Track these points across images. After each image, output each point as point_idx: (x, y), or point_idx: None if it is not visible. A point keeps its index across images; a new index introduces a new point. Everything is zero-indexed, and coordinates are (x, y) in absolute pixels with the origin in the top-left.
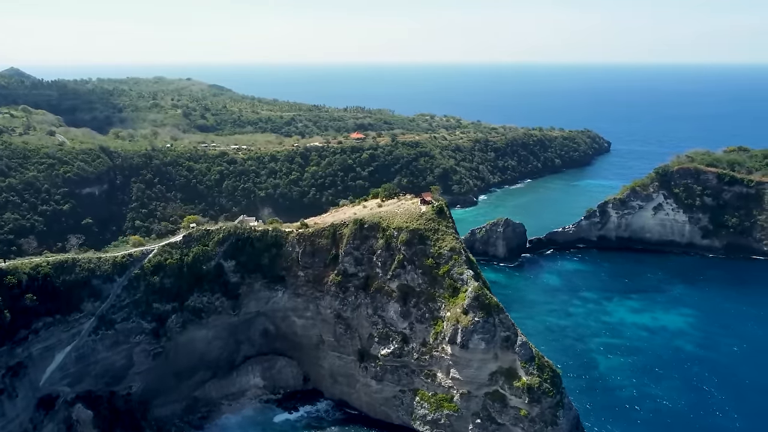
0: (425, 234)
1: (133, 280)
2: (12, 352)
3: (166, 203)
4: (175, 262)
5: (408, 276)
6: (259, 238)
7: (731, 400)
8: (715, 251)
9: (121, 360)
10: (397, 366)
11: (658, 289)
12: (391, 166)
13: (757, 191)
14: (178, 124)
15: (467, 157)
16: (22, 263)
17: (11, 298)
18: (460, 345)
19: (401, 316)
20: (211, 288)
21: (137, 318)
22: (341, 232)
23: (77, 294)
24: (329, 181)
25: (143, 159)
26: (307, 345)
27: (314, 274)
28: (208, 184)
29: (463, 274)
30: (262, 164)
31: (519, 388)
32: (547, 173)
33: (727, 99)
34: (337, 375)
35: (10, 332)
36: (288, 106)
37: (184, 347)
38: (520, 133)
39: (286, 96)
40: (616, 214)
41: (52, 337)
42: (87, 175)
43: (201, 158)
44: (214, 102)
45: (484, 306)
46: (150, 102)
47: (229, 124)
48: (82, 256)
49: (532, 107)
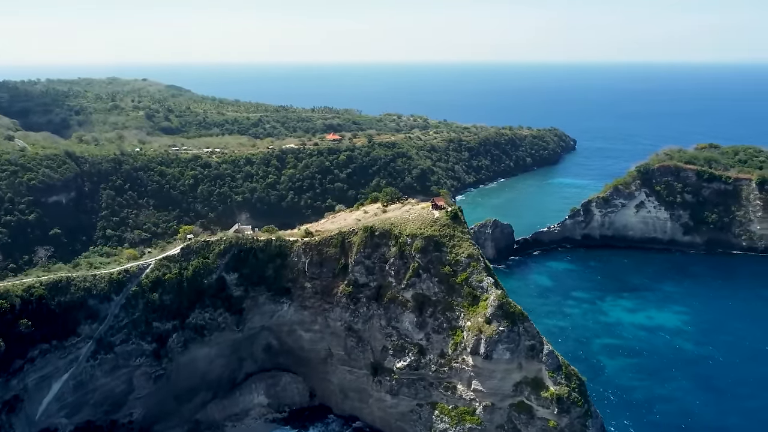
0: (441, 240)
1: (131, 298)
2: (7, 384)
3: (139, 210)
4: (174, 276)
5: (423, 285)
6: (263, 248)
7: (742, 399)
8: (696, 247)
9: (121, 385)
10: (414, 379)
11: (647, 287)
12: (369, 168)
13: (735, 187)
14: (141, 127)
15: (442, 157)
16: (14, 285)
17: (5, 324)
18: (484, 356)
19: (417, 327)
20: (213, 303)
21: (137, 339)
22: (350, 240)
23: (74, 316)
24: (307, 184)
25: (112, 164)
26: (315, 359)
27: (322, 285)
28: (182, 190)
29: (483, 282)
30: (237, 168)
31: (547, 398)
32: (519, 172)
33: (688, 97)
34: (348, 390)
35: (4, 363)
36: (254, 107)
37: (186, 368)
38: (492, 132)
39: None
40: (599, 213)
41: (49, 365)
42: (53, 183)
43: (173, 162)
44: (177, 103)
45: (509, 314)
46: (109, 104)
47: (194, 126)
48: (77, 275)
49: (493, 106)
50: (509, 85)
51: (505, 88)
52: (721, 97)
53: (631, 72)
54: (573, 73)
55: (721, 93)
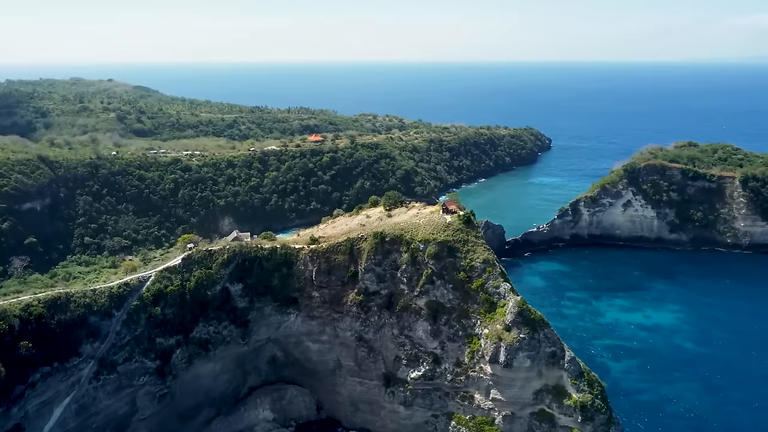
0: (454, 246)
1: (132, 314)
2: (8, 413)
3: (118, 217)
4: (176, 289)
5: (437, 291)
6: (268, 256)
7: (750, 398)
8: (682, 245)
9: (124, 407)
10: (429, 389)
11: (640, 285)
12: (353, 169)
13: (719, 185)
14: (112, 129)
15: (424, 157)
16: (11, 304)
17: (4, 347)
18: (504, 364)
19: (431, 335)
20: (218, 316)
21: (140, 357)
22: (360, 247)
23: (74, 335)
24: (291, 187)
25: (88, 169)
26: (323, 371)
27: (331, 293)
28: (162, 194)
29: (500, 288)
30: (219, 171)
31: (570, 406)
32: (499, 171)
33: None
34: (359, 402)
35: (5, 389)
36: (228, 108)
37: (190, 385)
38: (471, 132)
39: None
40: (587, 212)
41: (50, 390)
42: (26, 189)
43: (152, 166)
44: (148, 104)
45: (529, 321)
46: (77, 105)
47: (167, 128)
48: (76, 290)
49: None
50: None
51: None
52: (677, 96)
53: (589, 72)
54: (536, 72)
55: (676, 92)
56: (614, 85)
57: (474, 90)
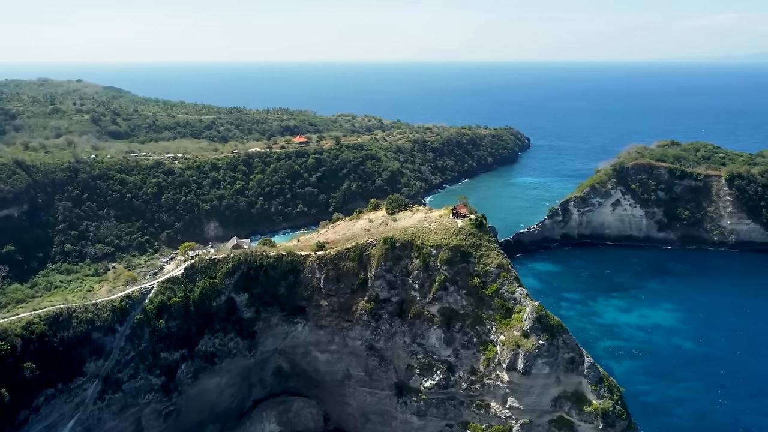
0: (467, 251)
1: (135, 328)
2: None
3: (99, 222)
4: (179, 300)
5: (450, 298)
6: (274, 264)
7: (753, 396)
8: (670, 243)
9: (130, 427)
10: (443, 398)
11: (633, 285)
12: (339, 171)
13: (705, 184)
14: (86, 131)
15: (409, 158)
16: (11, 322)
17: (6, 369)
18: (522, 371)
19: (444, 343)
20: (223, 327)
21: (144, 373)
22: (369, 253)
23: (78, 353)
24: (277, 189)
25: (67, 173)
26: (330, 382)
27: (339, 302)
28: (144, 199)
29: (516, 293)
30: (202, 174)
31: (591, 413)
32: (482, 171)
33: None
34: (369, 413)
35: (9, 415)
36: (205, 109)
37: (195, 400)
38: (453, 132)
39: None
40: (577, 212)
41: (54, 413)
42: (3, 195)
43: (134, 169)
44: (123, 106)
45: (548, 327)
46: (49, 107)
47: (143, 130)
48: (77, 305)
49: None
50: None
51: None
52: (646, 95)
53: (561, 72)
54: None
55: (645, 91)
56: (587, 84)
57: (449, 91)
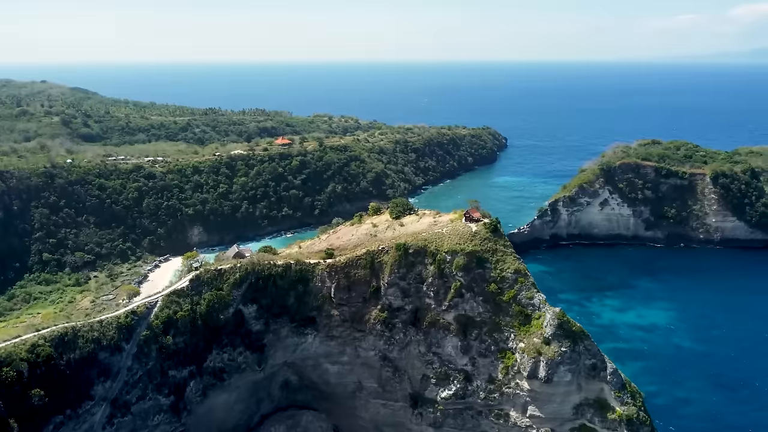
0: (483, 256)
1: (142, 345)
2: None
3: (78, 230)
4: (186, 314)
5: (467, 305)
6: (282, 274)
7: (757, 394)
8: (658, 241)
9: None
10: (460, 408)
11: (626, 284)
12: (323, 173)
13: (690, 182)
14: (57, 135)
15: (392, 159)
16: (15, 345)
17: (13, 398)
18: (544, 379)
19: (461, 351)
20: (232, 341)
21: (153, 393)
22: (381, 260)
23: (85, 375)
24: (261, 193)
25: (43, 178)
26: (341, 394)
27: (351, 311)
28: (125, 204)
29: (534, 299)
30: (185, 178)
31: (615, 420)
32: (463, 171)
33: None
34: (383, 425)
35: None
36: (179, 111)
37: (204, 418)
38: (434, 132)
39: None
40: (566, 212)
41: None
42: None
43: (112, 174)
44: (94, 107)
45: (570, 333)
46: (16, 109)
47: (117, 132)
48: (81, 323)
49: None
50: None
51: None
52: (616, 94)
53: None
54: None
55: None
56: (558, 84)
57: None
